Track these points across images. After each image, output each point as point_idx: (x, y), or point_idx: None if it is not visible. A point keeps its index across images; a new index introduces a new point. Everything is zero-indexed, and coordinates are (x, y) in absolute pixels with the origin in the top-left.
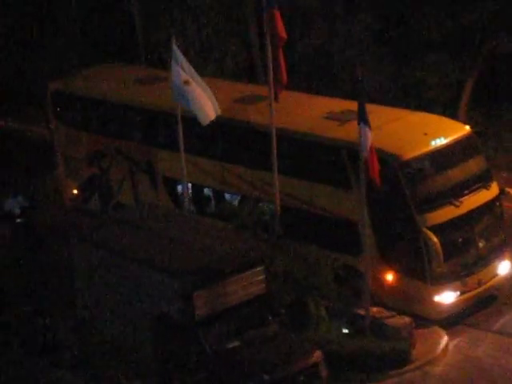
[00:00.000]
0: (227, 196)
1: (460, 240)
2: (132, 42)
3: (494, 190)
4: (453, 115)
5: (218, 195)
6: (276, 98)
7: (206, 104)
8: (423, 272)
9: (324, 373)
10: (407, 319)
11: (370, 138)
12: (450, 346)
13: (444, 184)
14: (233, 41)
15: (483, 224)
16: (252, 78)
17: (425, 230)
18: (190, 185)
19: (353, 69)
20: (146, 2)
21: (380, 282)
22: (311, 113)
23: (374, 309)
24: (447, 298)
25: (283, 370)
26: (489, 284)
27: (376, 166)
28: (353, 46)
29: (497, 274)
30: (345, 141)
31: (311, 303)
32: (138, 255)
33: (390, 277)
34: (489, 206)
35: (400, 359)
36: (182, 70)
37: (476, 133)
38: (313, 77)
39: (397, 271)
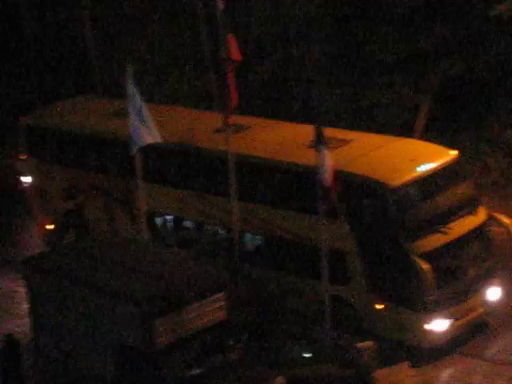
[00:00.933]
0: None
1: (450, 267)
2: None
3: (482, 214)
4: (409, 138)
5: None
6: (226, 123)
7: (140, 131)
8: (414, 301)
9: None
10: (369, 343)
11: (330, 162)
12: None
13: (433, 210)
14: (189, 66)
15: (473, 250)
16: (210, 103)
17: (415, 257)
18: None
19: (308, 92)
20: (98, 29)
21: (370, 312)
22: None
23: (335, 333)
24: (439, 325)
25: None
26: (480, 311)
27: (335, 191)
28: (307, 69)
29: (487, 301)
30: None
31: (272, 329)
32: (97, 283)
33: (379, 306)
34: (478, 231)
35: (365, 382)
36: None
37: None
38: (270, 101)
39: (386, 300)
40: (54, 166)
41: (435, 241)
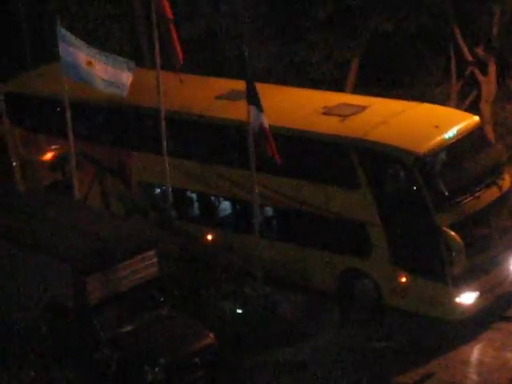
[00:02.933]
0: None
1: (479, 237)
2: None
3: (507, 181)
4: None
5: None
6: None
7: (120, 76)
8: (444, 273)
9: (219, 353)
10: (299, 297)
11: (261, 117)
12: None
13: (460, 179)
14: (118, 24)
15: (499, 218)
16: (139, 61)
17: (446, 229)
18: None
19: (239, 49)
20: None
21: (393, 285)
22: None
23: (267, 288)
24: (468, 298)
25: (178, 352)
26: (507, 281)
27: (273, 145)
28: (238, 26)
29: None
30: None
31: (205, 285)
32: (30, 241)
33: (404, 280)
34: (504, 199)
35: (294, 336)
36: (81, 52)
37: None
38: (200, 58)
39: (413, 274)
40: (39, 135)
41: (464, 211)
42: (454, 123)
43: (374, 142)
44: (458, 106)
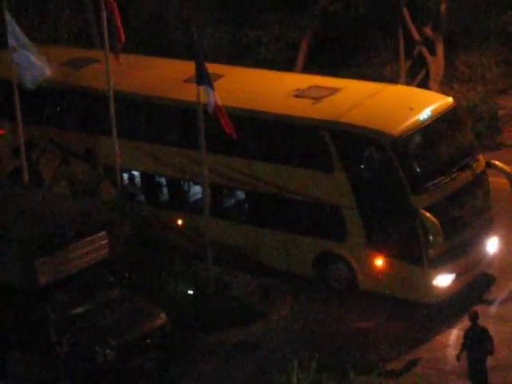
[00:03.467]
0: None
1: (454, 219)
2: None
3: (481, 162)
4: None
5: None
6: (117, 59)
7: (36, 67)
8: (421, 256)
9: (170, 334)
10: (250, 279)
11: (214, 96)
12: None
13: (436, 160)
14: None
15: (474, 200)
16: (88, 43)
17: (423, 211)
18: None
19: (189, 30)
20: None
21: (368, 269)
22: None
23: (218, 269)
24: (445, 280)
25: (129, 333)
26: (482, 262)
27: (228, 123)
28: (188, 6)
29: (487, 252)
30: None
31: (156, 266)
32: None
33: (380, 263)
34: (478, 180)
35: (246, 317)
36: (10, 37)
37: None
38: (149, 40)
39: (389, 257)
40: (2, 121)
41: (440, 192)
42: (429, 105)
43: (349, 124)
44: (407, 85)
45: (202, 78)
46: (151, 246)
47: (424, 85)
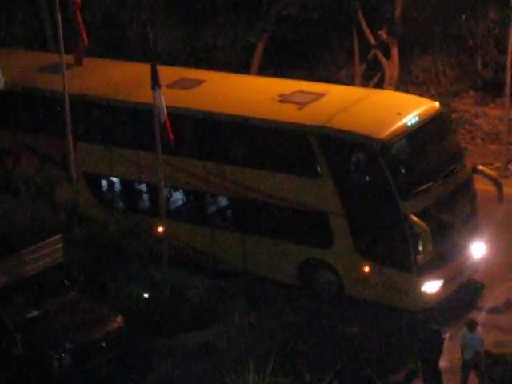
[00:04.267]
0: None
1: (442, 225)
2: None
3: (468, 168)
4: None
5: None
6: (79, 63)
7: None
8: (410, 262)
9: (127, 337)
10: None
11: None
12: None
13: (424, 165)
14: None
15: (461, 205)
16: (43, 45)
17: (411, 217)
18: None
19: (143, 33)
20: None
21: (355, 275)
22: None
23: (174, 272)
24: (433, 287)
25: (85, 336)
26: (468, 268)
27: (169, 128)
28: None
29: (474, 258)
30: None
31: (112, 269)
32: None
33: (367, 269)
34: (465, 186)
35: (203, 320)
36: None
37: None
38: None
39: (376, 263)
40: None
41: (429, 198)
42: (416, 110)
43: (336, 129)
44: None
45: (157, 82)
46: (107, 249)
47: (379, 88)
